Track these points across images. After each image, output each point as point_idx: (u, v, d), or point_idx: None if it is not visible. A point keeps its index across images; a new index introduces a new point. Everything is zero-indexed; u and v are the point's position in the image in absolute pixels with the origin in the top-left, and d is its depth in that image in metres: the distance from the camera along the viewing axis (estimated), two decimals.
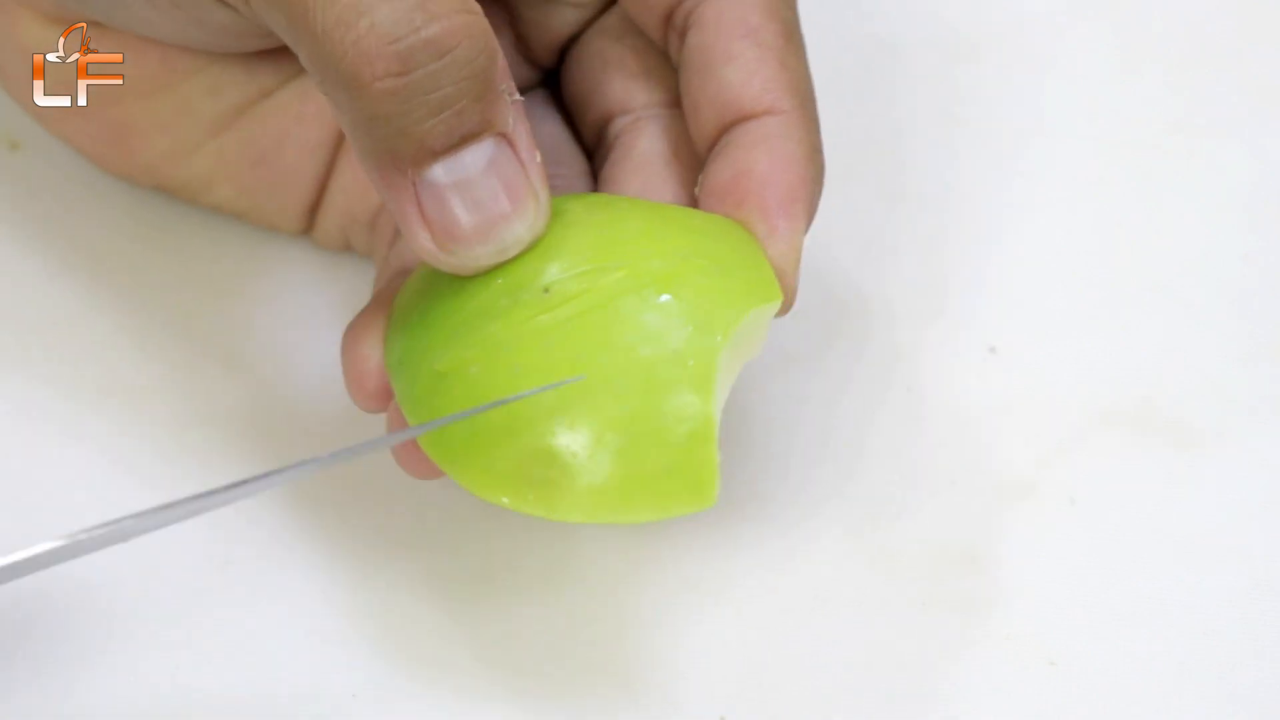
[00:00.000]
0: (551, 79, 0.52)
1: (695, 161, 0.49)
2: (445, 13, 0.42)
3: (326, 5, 0.42)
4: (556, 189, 0.50)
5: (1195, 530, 0.51)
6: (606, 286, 0.44)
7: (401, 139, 0.43)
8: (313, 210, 0.53)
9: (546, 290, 0.44)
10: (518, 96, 0.44)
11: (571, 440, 0.43)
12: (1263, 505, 0.51)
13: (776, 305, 0.45)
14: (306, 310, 0.53)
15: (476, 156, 0.43)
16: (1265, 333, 0.54)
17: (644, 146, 0.49)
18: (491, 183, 0.44)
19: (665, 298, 0.44)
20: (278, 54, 0.50)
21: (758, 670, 0.48)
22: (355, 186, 0.52)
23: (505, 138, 0.44)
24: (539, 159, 0.44)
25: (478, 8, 0.43)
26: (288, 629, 0.48)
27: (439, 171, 0.43)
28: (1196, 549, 0.50)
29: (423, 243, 0.44)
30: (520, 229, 0.44)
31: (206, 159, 0.52)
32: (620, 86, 0.50)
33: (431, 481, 0.48)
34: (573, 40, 0.51)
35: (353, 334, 0.47)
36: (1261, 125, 0.58)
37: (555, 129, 0.51)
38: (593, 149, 0.51)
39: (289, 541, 0.50)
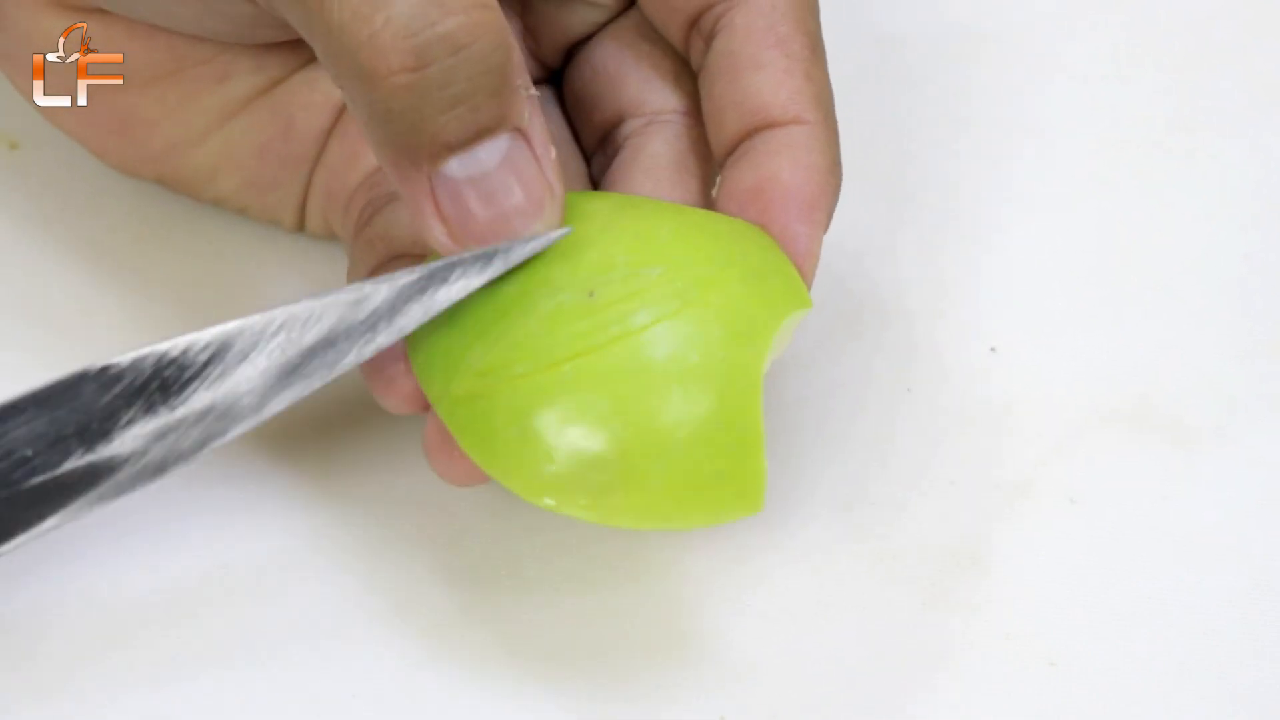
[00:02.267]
0: (554, 78, 0.52)
1: (707, 170, 0.49)
2: (462, 9, 0.42)
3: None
4: None
5: (1195, 529, 0.51)
6: (646, 292, 0.44)
7: (416, 134, 0.43)
8: (306, 200, 0.53)
9: (591, 294, 0.44)
10: (533, 92, 0.44)
11: (624, 448, 0.43)
12: (1262, 504, 0.51)
13: (805, 313, 0.46)
14: None
15: (492, 152, 0.44)
16: (1265, 331, 0.54)
17: (655, 149, 0.49)
18: (507, 178, 0.44)
19: (704, 306, 0.44)
20: (287, 45, 0.50)
21: (758, 670, 0.48)
22: (339, 164, 0.51)
23: (521, 133, 0.44)
24: (554, 155, 0.44)
25: (495, 4, 0.43)
26: (291, 627, 0.48)
27: (454, 166, 0.43)
28: (1196, 548, 0.50)
29: (438, 236, 0.44)
30: (535, 225, 0.44)
31: (212, 149, 0.52)
32: (635, 89, 0.50)
33: (416, 484, 0.48)
34: (583, 41, 0.51)
35: None
36: (1262, 124, 0.58)
37: (556, 128, 0.51)
38: (592, 153, 0.51)
39: (290, 539, 0.50)
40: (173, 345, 0.44)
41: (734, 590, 0.49)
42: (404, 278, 0.44)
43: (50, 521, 0.44)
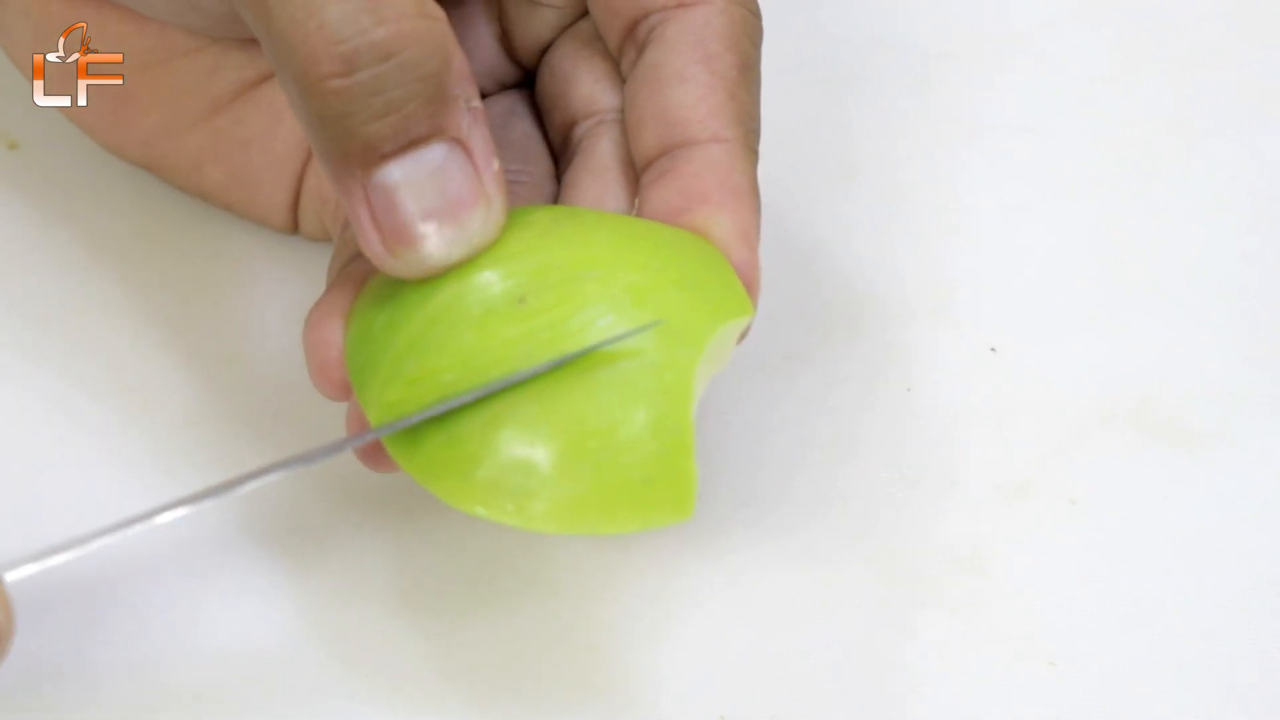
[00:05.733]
0: (532, 79, 0.53)
1: None
2: (395, 17, 0.43)
3: (282, 2, 0.43)
4: (522, 185, 0.50)
5: (1195, 530, 0.51)
6: (580, 298, 0.44)
7: (349, 139, 0.43)
8: (297, 201, 0.53)
9: (522, 300, 0.44)
10: (476, 104, 0.44)
11: (551, 450, 0.43)
12: (1263, 505, 0.51)
13: (746, 321, 0.46)
14: (305, 307, 0.53)
15: (425, 160, 0.44)
16: (1265, 333, 0.54)
17: (604, 150, 0.49)
18: (440, 187, 0.44)
19: (639, 311, 0.44)
20: None
21: (758, 670, 0.48)
22: None
23: (459, 143, 0.44)
24: (496, 166, 0.44)
25: (439, 13, 0.43)
26: (256, 644, 0.48)
27: (388, 173, 0.44)
28: (1196, 549, 0.50)
29: (372, 245, 0.44)
30: (468, 234, 0.44)
31: (199, 138, 0.52)
32: (586, 90, 0.50)
33: (410, 492, 0.48)
34: (551, 44, 0.51)
35: (315, 323, 0.47)
36: (1260, 125, 0.58)
37: (527, 129, 0.51)
38: (560, 152, 0.51)
39: (257, 551, 0.49)
40: None
41: (734, 591, 0.49)
42: None
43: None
